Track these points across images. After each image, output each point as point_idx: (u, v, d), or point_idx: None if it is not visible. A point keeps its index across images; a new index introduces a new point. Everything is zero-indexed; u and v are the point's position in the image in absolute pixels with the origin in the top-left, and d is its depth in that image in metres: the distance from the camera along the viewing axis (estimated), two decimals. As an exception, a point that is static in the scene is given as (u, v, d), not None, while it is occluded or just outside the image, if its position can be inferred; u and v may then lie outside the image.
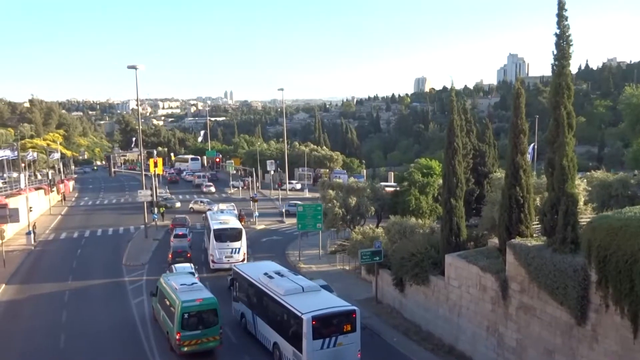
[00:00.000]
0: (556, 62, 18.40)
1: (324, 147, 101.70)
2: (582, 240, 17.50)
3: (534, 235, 20.95)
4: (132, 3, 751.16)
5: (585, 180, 29.84)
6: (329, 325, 21.06)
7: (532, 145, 47.25)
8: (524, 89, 22.86)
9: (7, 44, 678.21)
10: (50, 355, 23.83)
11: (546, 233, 19.08)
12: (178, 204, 65.63)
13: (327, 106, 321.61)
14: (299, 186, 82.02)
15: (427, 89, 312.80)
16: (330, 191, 45.48)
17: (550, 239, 18.74)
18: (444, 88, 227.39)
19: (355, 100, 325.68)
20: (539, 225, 20.24)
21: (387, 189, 51.67)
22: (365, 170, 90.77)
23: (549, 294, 18.38)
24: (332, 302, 22.49)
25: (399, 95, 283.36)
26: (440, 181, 34.45)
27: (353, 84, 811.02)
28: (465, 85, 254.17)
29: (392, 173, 77.33)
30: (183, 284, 25.03)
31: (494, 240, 23.61)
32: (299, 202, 60.65)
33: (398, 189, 48.81)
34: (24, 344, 25.14)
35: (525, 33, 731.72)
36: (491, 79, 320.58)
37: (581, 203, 23.24)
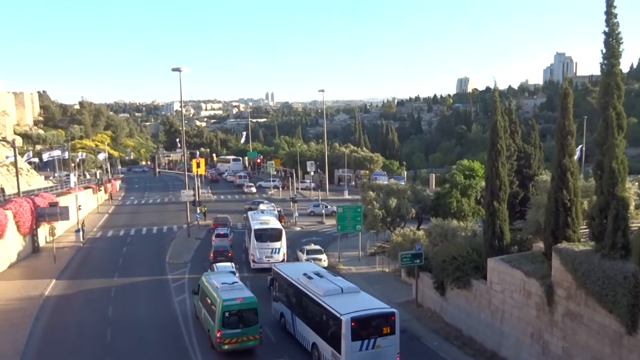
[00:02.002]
0: (605, 61, 17.78)
1: (364, 149, 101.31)
2: (633, 245, 16.82)
3: (582, 240, 20.28)
4: (177, 8, 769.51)
5: (636, 184, 28.64)
6: (368, 327, 20.97)
7: (579, 147, 45.84)
8: (572, 89, 22.12)
9: (60, 47, 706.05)
10: (98, 348, 24.60)
11: (594, 238, 18.44)
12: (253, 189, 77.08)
13: (368, 107, 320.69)
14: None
15: (469, 90, 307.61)
16: (371, 192, 45.26)
17: (598, 244, 18.10)
18: (487, 88, 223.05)
19: (396, 101, 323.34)
20: (587, 230, 19.59)
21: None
22: (405, 172, 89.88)
23: (597, 301, 17.75)
24: (371, 304, 22.38)
25: (441, 95, 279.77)
26: (483, 183, 33.81)
27: (394, 85, 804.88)
28: (510, 86, 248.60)
29: (434, 175, 76.29)
30: (224, 282, 25.39)
31: (539, 245, 22.97)
32: (324, 203, 60.80)
33: (439, 191, 48.15)
34: (74, 337, 26.07)
35: (573, 31, 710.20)
36: (537, 79, 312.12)
37: (632, 207, 22.33)
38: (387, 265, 38.20)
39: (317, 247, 40.54)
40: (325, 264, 37.61)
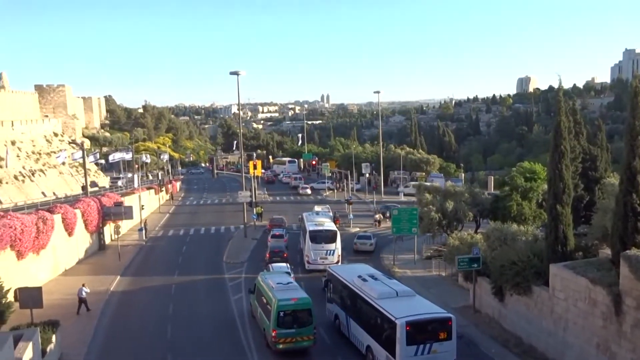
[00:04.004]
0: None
1: (420, 150, 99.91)
2: None
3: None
4: (236, 13, 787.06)
5: None
6: (423, 332, 20.66)
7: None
8: (643, 87, 20.90)
9: (125, 54, 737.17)
10: (159, 343, 25.46)
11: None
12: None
13: (424, 108, 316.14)
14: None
15: (531, 89, 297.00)
16: (427, 195, 44.56)
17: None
18: (550, 88, 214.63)
19: (453, 102, 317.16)
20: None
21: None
22: (463, 174, 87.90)
23: (671, 312, 16.71)
24: (427, 308, 22.05)
25: (500, 96, 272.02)
26: (545, 186, 32.58)
27: (451, 85, 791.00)
28: (574, 84, 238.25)
29: (492, 177, 74.19)
30: (279, 282, 25.69)
31: (606, 251, 21.95)
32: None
33: (498, 193, 46.77)
34: (137, 332, 27.12)
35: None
36: (604, 77, 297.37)
37: None
38: (444, 269, 37.50)
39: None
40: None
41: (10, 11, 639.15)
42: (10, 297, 24.62)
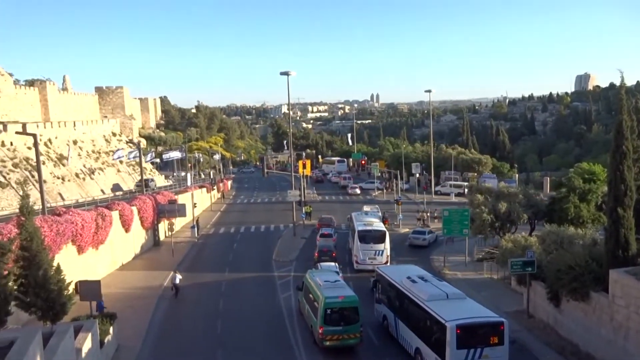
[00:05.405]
0: None
1: (472, 150, 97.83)
2: None
3: None
4: (284, 14, 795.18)
5: None
6: (474, 336, 20.19)
7: None
8: None
9: (180, 56, 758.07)
10: (210, 338, 26.05)
11: None
12: None
13: (477, 107, 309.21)
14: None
15: (590, 87, 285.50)
16: (479, 196, 43.54)
17: None
18: (611, 85, 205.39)
19: (507, 100, 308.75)
20: None
21: None
22: (517, 175, 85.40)
23: None
24: (478, 312, 21.54)
25: (557, 94, 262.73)
26: (605, 188, 31.23)
27: (505, 84, 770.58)
28: (638, 81, 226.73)
29: (548, 178, 71.70)
30: (327, 280, 25.81)
31: (672, 257, 20.75)
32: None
33: (555, 195, 45.16)
34: (189, 327, 27.80)
35: None
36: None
37: None
38: (496, 272, 36.56)
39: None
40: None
41: (71, 18, 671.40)
42: (71, 289, 25.76)
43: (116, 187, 65.04)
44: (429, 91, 74.26)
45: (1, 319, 18.06)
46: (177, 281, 33.09)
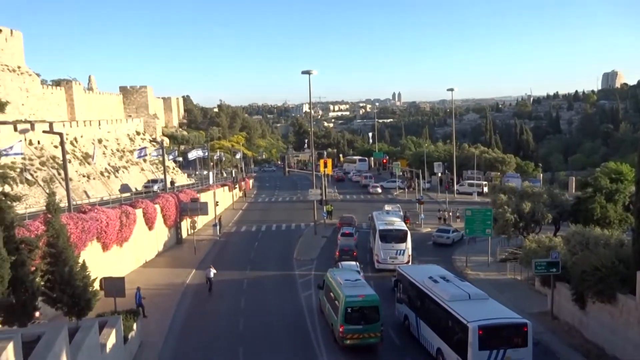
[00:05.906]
0: None
1: (495, 149, 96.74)
2: None
3: None
4: (305, 15, 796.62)
5: None
6: (496, 337, 19.95)
7: None
8: None
9: (202, 56, 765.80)
10: (232, 336, 26.24)
11: None
12: None
13: (500, 106, 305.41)
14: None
15: (617, 85, 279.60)
16: (502, 195, 42.98)
17: None
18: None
19: (531, 99, 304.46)
20: None
21: None
22: (541, 175, 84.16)
23: None
24: (500, 313, 21.28)
25: (583, 92, 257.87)
26: (633, 188, 30.57)
27: (529, 82, 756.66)
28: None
29: (574, 178, 70.47)
30: (347, 279, 25.81)
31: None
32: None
33: (580, 195, 44.35)
34: (211, 323, 28.08)
35: None
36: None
37: None
38: (519, 272, 36.07)
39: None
40: None
41: (97, 19, 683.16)
42: (96, 286, 26.22)
43: (125, 188, 65.69)
44: (452, 90, 73.57)
45: (29, 314, 18.47)
46: (212, 275, 33.69)
